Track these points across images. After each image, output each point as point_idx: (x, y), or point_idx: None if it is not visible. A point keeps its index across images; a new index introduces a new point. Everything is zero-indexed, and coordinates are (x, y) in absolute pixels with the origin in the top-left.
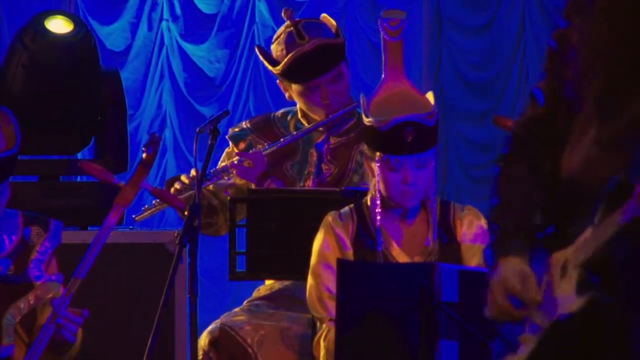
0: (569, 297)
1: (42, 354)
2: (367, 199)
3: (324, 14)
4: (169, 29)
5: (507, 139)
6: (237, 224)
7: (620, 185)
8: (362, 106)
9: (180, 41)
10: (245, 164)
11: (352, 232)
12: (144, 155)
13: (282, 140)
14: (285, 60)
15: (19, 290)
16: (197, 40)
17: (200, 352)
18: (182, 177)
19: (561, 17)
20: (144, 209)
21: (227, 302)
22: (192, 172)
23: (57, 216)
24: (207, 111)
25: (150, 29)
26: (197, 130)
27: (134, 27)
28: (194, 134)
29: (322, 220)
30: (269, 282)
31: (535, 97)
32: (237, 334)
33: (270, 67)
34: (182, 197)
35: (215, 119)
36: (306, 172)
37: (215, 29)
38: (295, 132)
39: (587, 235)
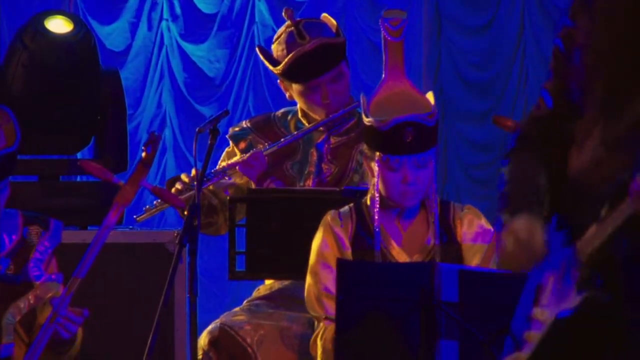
0: (570, 295)
1: (41, 353)
2: (367, 199)
3: (325, 14)
4: (169, 29)
5: (515, 136)
6: (236, 224)
7: (624, 184)
8: (362, 106)
9: (180, 41)
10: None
11: (351, 231)
12: (143, 154)
13: (282, 140)
14: (286, 60)
15: (18, 289)
16: (197, 40)
17: (200, 352)
18: (183, 176)
19: (566, 17)
20: (145, 209)
21: (226, 302)
22: (193, 172)
23: (57, 216)
24: (206, 111)
25: (150, 28)
26: (196, 130)
27: (134, 27)
28: (194, 134)
29: (321, 220)
30: (268, 282)
31: (543, 98)
32: (237, 334)
33: (270, 67)
34: (182, 197)
35: (215, 118)
36: (306, 171)
37: (215, 28)
38: (295, 131)
39: (591, 233)
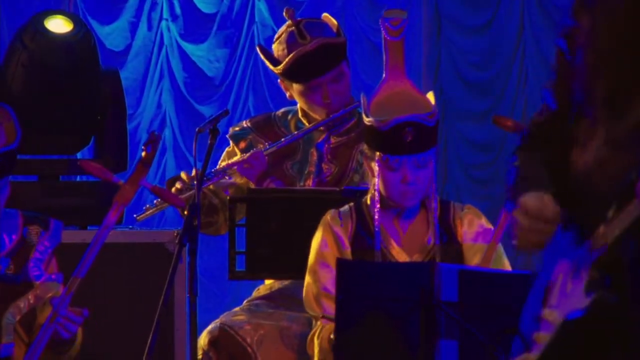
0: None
1: (41, 353)
2: (367, 198)
3: (325, 14)
4: (169, 29)
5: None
6: (236, 224)
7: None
8: (363, 106)
9: (179, 41)
10: (245, 166)
11: (351, 231)
12: (143, 153)
13: (283, 139)
14: (286, 59)
15: (18, 289)
16: (197, 39)
17: (199, 352)
18: (183, 174)
19: (568, 16)
20: (145, 208)
21: (226, 302)
22: (194, 172)
23: (56, 215)
24: (206, 111)
25: (149, 28)
26: (196, 129)
27: (134, 27)
28: (194, 134)
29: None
30: (268, 282)
31: (545, 98)
32: (237, 334)
33: (271, 67)
34: (183, 196)
35: (214, 118)
36: (306, 171)
37: (214, 28)
38: (295, 131)
39: (599, 233)
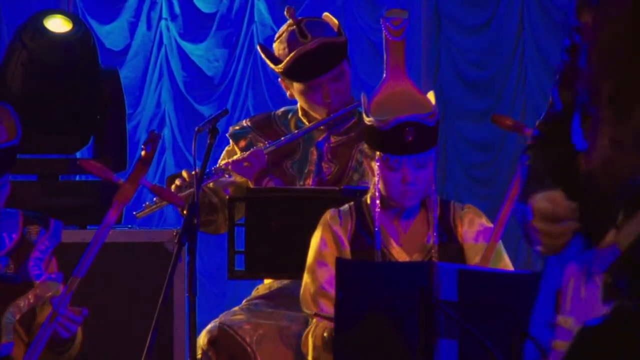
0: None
1: (41, 352)
2: (367, 198)
3: (326, 13)
4: (168, 28)
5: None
6: (236, 223)
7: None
8: (363, 105)
9: (179, 40)
10: (245, 165)
11: (350, 230)
12: (143, 152)
13: (283, 138)
14: (287, 58)
15: (18, 289)
16: (196, 39)
17: (199, 351)
18: (183, 172)
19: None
20: (144, 205)
21: (226, 301)
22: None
23: (56, 215)
24: (206, 110)
25: (149, 28)
26: (196, 129)
27: (133, 27)
28: (193, 133)
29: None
30: (267, 281)
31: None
32: (236, 333)
33: (272, 66)
34: (182, 194)
35: (214, 118)
36: (306, 170)
37: (214, 28)
38: (295, 130)
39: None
